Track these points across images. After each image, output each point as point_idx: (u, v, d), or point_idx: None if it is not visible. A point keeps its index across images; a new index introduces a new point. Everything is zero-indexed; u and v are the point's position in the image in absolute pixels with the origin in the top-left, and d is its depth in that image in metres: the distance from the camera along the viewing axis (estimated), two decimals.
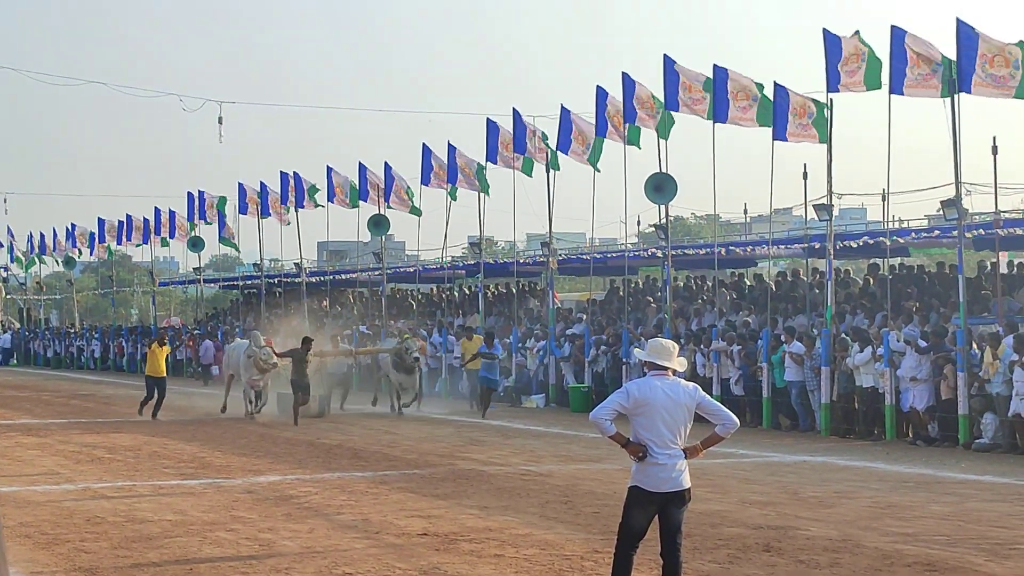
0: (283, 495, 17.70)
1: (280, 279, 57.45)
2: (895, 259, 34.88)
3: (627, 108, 33.09)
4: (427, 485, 18.77)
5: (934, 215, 32.22)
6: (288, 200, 49.52)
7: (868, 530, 14.57)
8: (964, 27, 24.72)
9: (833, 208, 28.78)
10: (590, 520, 15.35)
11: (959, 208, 25.18)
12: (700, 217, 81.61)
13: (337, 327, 41.61)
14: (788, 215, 51.28)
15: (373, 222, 44.09)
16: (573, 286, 65.16)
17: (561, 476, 19.82)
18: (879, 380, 25.57)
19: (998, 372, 23.20)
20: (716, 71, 30.53)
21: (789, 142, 29.14)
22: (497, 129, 38.86)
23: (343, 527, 14.93)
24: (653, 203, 33.08)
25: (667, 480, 10.05)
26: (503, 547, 13.49)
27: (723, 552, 13.17)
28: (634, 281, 43.04)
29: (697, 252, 40.00)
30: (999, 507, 16.52)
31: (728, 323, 31.94)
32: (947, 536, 14.12)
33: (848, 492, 18.04)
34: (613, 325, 36.08)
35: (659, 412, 10.06)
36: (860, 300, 31.43)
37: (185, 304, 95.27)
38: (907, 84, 25.77)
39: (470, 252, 44.75)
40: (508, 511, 16.11)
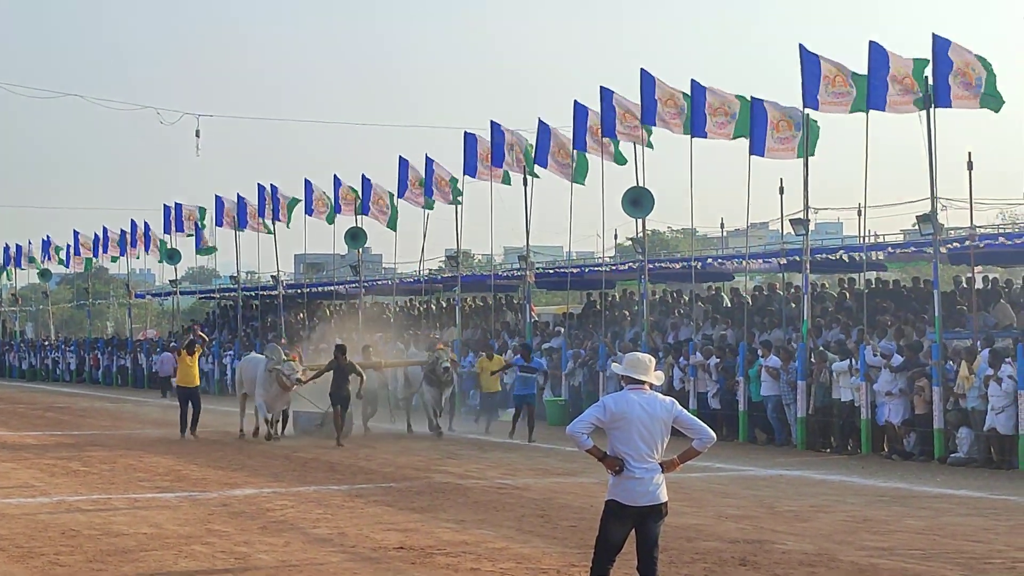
0: (259, 508, 17.65)
1: (257, 292, 57.35)
2: (871, 273, 34.98)
3: (606, 122, 33.13)
4: (403, 499, 18.74)
5: (910, 230, 32.31)
6: (265, 212, 49.45)
7: (844, 544, 14.59)
8: (940, 41, 24.84)
9: (809, 222, 28.88)
10: (567, 534, 15.34)
11: (935, 223, 25.29)
12: (677, 231, 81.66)
13: (371, 336, 37.78)
14: (765, 229, 51.36)
15: (350, 235, 44.09)
16: (550, 299, 65.19)
17: (538, 490, 19.81)
18: (855, 394, 25.64)
19: (973, 387, 23.28)
20: (694, 86, 30.62)
21: (766, 158, 29.23)
22: (476, 141, 38.89)
23: (319, 541, 14.89)
24: (630, 217, 33.16)
25: (644, 494, 10.06)
26: (479, 561, 13.47)
27: (699, 566, 13.18)
28: (611, 295, 43.06)
29: (674, 266, 40.05)
30: (974, 521, 16.57)
31: (704, 337, 32.00)
32: (922, 550, 14.15)
33: (824, 506, 18.07)
34: (590, 339, 36.11)
35: (636, 426, 10.07)
36: (836, 314, 31.51)
37: (161, 316, 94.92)
38: (889, 103, 25.89)
39: (447, 265, 44.66)
40: (484, 524, 16.10)
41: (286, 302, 52.66)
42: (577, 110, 34.27)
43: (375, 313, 49.36)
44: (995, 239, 30.00)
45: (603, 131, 33.34)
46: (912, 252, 32.17)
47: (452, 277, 42.98)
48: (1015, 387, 22.40)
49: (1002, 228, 37.28)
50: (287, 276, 63.04)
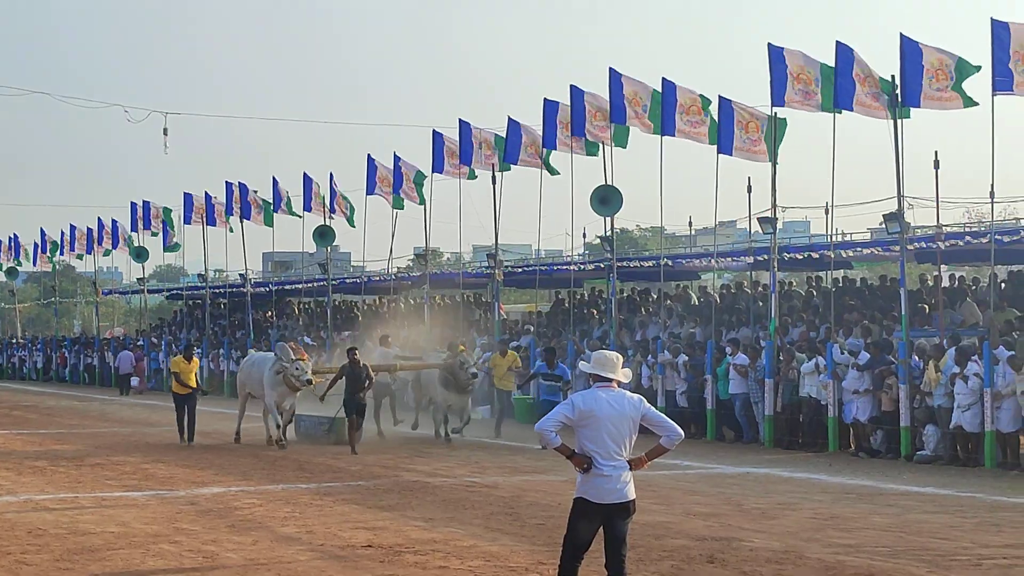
0: (227, 507, 17.62)
1: (225, 289, 57.18)
2: (838, 272, 35.12)
3: (575, 120, 33.15)
4: (372, 497, 18.73)
5: (877, 228, 32.45)
6: (233, 210, 49.31)
7: (811, 541, 14.65)
8: (909, 43, 24.95)
9: (777, 221, 28.97)
10: (535, 531, 15.36)
11: (901, 222, 25.41)
12: (645, 229, 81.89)
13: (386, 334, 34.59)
14: (733, 228, 51.51)
15: (318, 233, 44.01)
16: (519, 298, 65.21)
17: (506, 487, 19.82)
18: (822, 392, 25.75)
19: (940, 384, 23.41)
20: (664, 84, 30.66)
21: (734, 157, 29.30)
22: (443, 140, 38.88)
23: (287, 539, 14.87)
24: (599, 215, 33.20)
25: (612, 492, 10.09)
26: (448, 559, 13.48)
27: (667, 563, 13.21)
28: (580, 293, 43.12)
29: (643, 264, 40.13)
30: (941, 518, 16.66)
31: (673, 335, 32.07)
32: (889, 547, 14.22)
33: (791, 504, 18.14)
34: (559, 337, 36.14)
35: (604, 424, 10.10)
36: (803, 313, 31.63)
37: (129, 315, 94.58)
38: (856, 101, 25.99)
39: (416, 263, 44.67)
40: (453, 523, 16.10)
41: (254, 300, 52.49)
42: (547, 107, 34.27)
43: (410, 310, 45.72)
44: (961, 238, 30.16)
45: (573, 130, 33.35)
46: (879, 251, 32.31)
47: (421, 275, 42.95)
48: (981, 385, 22.54)
49: (968, 227, 37.48)
50: (255, 274, 62.92)
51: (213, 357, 49.89)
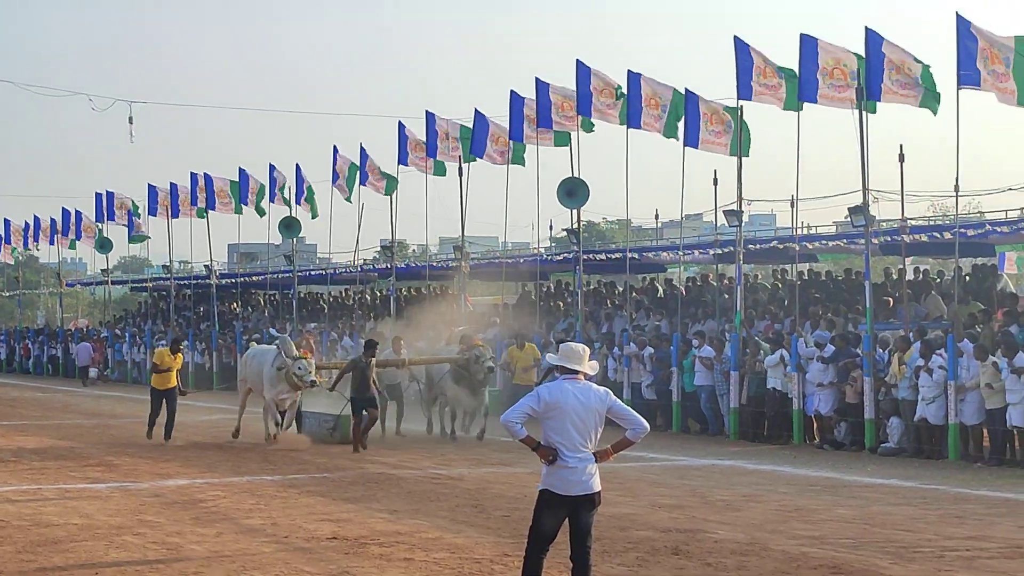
0: (191, 499, 17.56)
1: (190, 281, 56.97)
2: (804, 265, 35.23)
3: (541, 113, 33.16)
4: (337, 489, 18.70)
5: (842, 221, 32.61)
6: (198, 201, 49.10)
7: (775, 533, 14.70)
8: (873, 36, 25.03)
9: (743, 214, 29.04)
10: (500, 523, 15.36)
11: (866, 215, 25.49)
12: (612, 222, 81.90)
13: (400, 328, 32.78)
14: (699, 220, 51.75)
15: (284, 224, 43.91)
16: (485, 290, 65.12)
17: (472, 480, 19.82)
18: (788, 385, 25.83)
19: (905, 377, 23.51)
20: (630, 76, 30.69)
21: (700, 150, 29.37)
22: (407, 132, 38.85)
23: (251, 531, 14.83)
24: (565, 208, 33.22)
25: (577, 483, 10.11)
26: (413, 551, 13.46)
27: (632, 555, 13.23)
28: (546, 285, 43.12)
29: (609, 256, 40.16)
30: (904, 510, 16.73)
31: (638, 328, 32.11)
32: (853, 539, 14.27)
33: (756, 495, 18.19)
34: (525, 329, 36.11)
35: (570, 416, 10.12)
36: (768, 305, 31.71)
37: (93, 306, 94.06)
38: (821, 95, 26.07)
39: (382, 255, 44.56)
40: (418, 515, 16.09)
41: (219, 292, 52.32)
42: (513, 100, 34.27)
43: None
44: (926, 231, 30.30)
45: (539, 122, 33.35)
46: (844, 244, 32.42)
47: (387, 267, 42.89)
48: (945, 378, 22.64)
49: (933, 220, 37.62)
50: (220, 265, 62.62)
51: None
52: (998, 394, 21.87)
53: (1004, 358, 21.66)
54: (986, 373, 21.99)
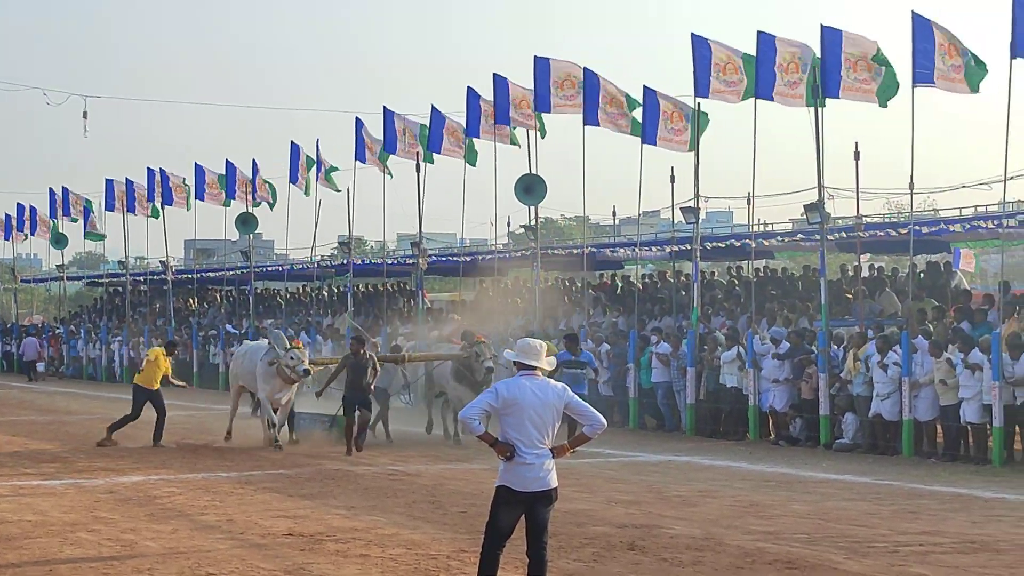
0: (146, 495, 17.49)
1: (146, 277, 56.68)
2: (760, 261, 35.37)
3: (499, 109, 33.17)
4: (293, 485, 18.66)
5: (798, 219, 32.74)
6: (155, 196, 48.84)
7: (730, 528, 14.76)
8: (829, 32, 25.14)
9: (700, 211, 29.12)
10: (457, 520, 15.36)
11: (822, 212, 25.63)
12: (570, 219, 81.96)
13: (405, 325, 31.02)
14: (656, 217, 51.83)
15: (241, 220, 43.71)
16: (443, 286, 65.10)
17: (429, 476, 19.82)
18: (743, 381, 25.93)
19: (859, 373, 23.65)
20: (587, 75, 30.72)
21: (659, 147, 29.42)
22: (363, 127, 38.77)
23: (207, 528, 14.78)
24: (523, 204, 33.22)
25: (534, 480, 10.12)
26: (369, 547, 13.45)
27: (588, 551, 13.26)
28: (504, 282, 43.14)
29: (566, 253, 40.19)
30: (858, 506, 16.83)
31: (595, 324, 32.15)
32: (807, 534, 14.35)
33: (711, 491, 18.26)
34: (483, 325, 36.11)
35: (527, 412, 10.13)
36: (724, 302, 31.82)
37: (48, 302, 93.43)
38: (777, 92, 26.17)
39: (339, 251, 44.47)
40: (375, 511, 16.08)
41: (175, 287, 52.07)
42: (470, 97, 34.27)
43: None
44: (882, 228, 30.48)
45: (496, 118, 33.36)
46: (800, 240, 32.57)
47: (344, 263, 42.81)
48: (900, 374, 22.79)
49: (888, 217, 37.88)
50: (177, 261, 62.33)
51: (133, 345, 49.47)
52: (951, 390, 22.04)
53: (959, 353, 21.83)
54: (940, 369, 22.16)
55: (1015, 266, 40.15)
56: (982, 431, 21.88)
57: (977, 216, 28.92)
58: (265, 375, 24.24)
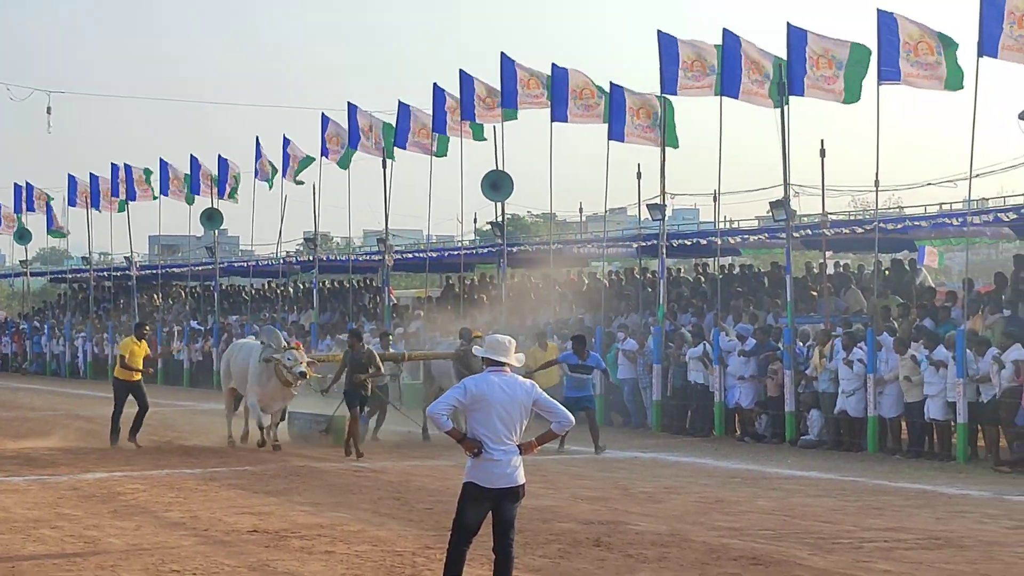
0: (110, 492, 17.40)
1: (110, 273, 56.41)
2: (726, 258, 35.44)
3: (465, 105, 33.13)
4: (258, 482, 18.59)
5: (764, 216, 32.82)
6: (119, 192, 48.58)
7: (696, 525, 14.77)
8: (795, 31, 25.20)
9: (666, 208, 29.15)
10: (423, 516, 15.33)
11: (787, 209, 25.69)
12: (537, 215, 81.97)
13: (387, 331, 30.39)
14: (623, 214, 51.76)
15: (206, 216, 43.56)
16: (409, 283, 65.04)
17: (394, 472, 19.78)
18: (709, 377, 25.98)
19: (825, 370, 23.72)
20: (555, 70, 30.71)
21: (626, 143, 29.44)
22: (328, 123, 38.67)
23: (171, 524, 14.71)
24: (489, 200, 33.22)
25: (501, 476, 10.11)
26: (334, 543, 13.41)
27: (554, 547, 13.24)
28: (470, 278, 43.11)
29: (533, 249, 40.18)
30: (823, 502, 16.87)
31: (562, 321, 32.15)
32: (773, 530, 14.37)
33: (677, 488, 18.28)
34: (449, 322, 36.10)
35: (495, 408, 10.12)
36: (691, 299, 31.87)
37: (11, 298, 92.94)
38: (743, 90, 26.21)
39: (305, 247, 44.31)
40: (340, 507, 16.03)
41: (140, 283, 51.85)
42: (436, 92, 34.22)
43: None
44: (847, 226, 30.56)
45: (462, 114, 33.33)
46: (766, 238, 32.65)
47: (310, 260, 42.71)
48: (865, 370, 22.87)
49: (853, 215, 37.99)
50: (141, 257, 62.04)
51: (97, 341, 49.33)
52: (916, 387, 22.13)
53: (925, 350, 21.92)
54: (905, 366, 22.24)
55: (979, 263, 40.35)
56: (946, 428, 21.99)
57: (942, 214, 29.04)
58: (259, 376, 22.86)
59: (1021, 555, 12.93)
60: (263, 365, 22.73)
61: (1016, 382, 20.74)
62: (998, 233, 28.82)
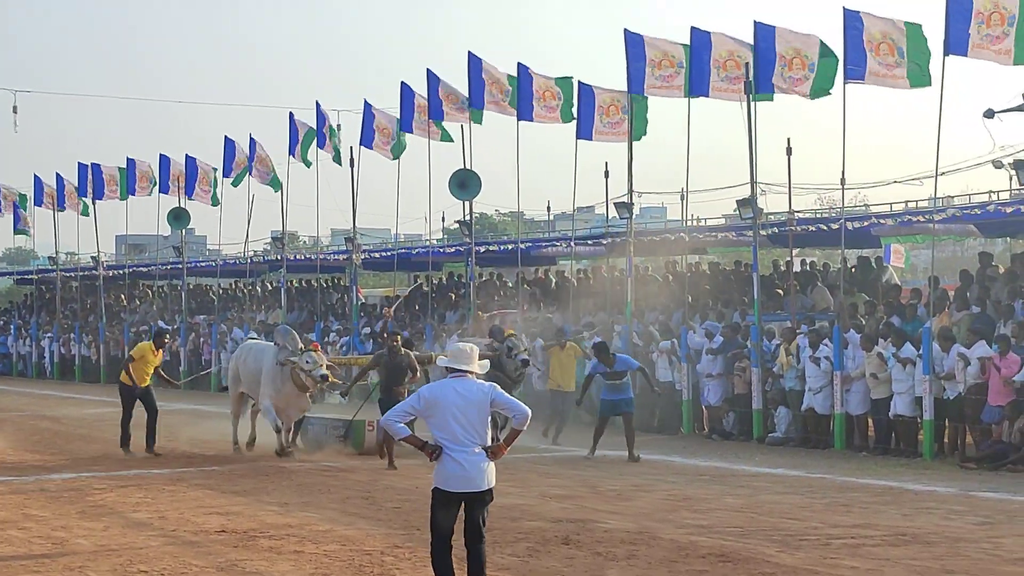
0: (78, 493, 17.35)
1: (76, 273, 56.12)
2: (693, 257, 35.47)
3: (432, 105, 33.12)
4: (226, 482, 18.55)
5: (731, 214, 32.87)
6: (86, 192, 48.32)
7: (664, 522, 14.81)
8: (762, 28, 25.28)
9: (633, 206, 29.20)
10: (391, 515, 15.33)
11: (754, 207, 25.79)
12: (504, 214, 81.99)
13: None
14: (590, 213, 51.81)
15: (173, 215, 43.34)
16: (377, 282, 64.94)
17: (362, 472, 19.76)
18: (677, 375, 26.04)
19: (792, 367, 23.82)
20: (520, 69, 30.74)
21: (595, 141, 29.49)
22: (296, 123, 38.58)
23: (139, 525, 14.67)
24: (457, 199, 33.19)
25: (464, 479, 10.16)
26: (303, 543, 13.40)
27: (523, 545, 13.26)
28: (438, 277, 43.08)
29: (501, 248, 40.18)
30: (791, 499, 16.94)
31: (529, 319, 32.14)
32: (740, 528, 14.42)
33: (645, 485, 18.32)
34: (417, 321, 36.08)
35: (450, 410, 10.16)
36: (658, 297, 31.90)
37: None
38: (712, 87, 26.28)
39: (273, 247, 44.23)
40: (309, 507, 16.01)
41: (107, 283, 51.59)
42: (404, 92, 34.18)
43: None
44: (813, 223, 30.64)
45: (430, 113, 33.32)
46: (733, 236, 32.70)
47: (278, 259, 42.61)
48: (832, 368, 22.97)
49: (820, 213, 38.10)
50: (108, 257, 61.77)
51: (64, 341, 49.12)
52: (883, 384, 22.24)
53: (892, 347, 22.03)
54: (871, 363, 22.35)
55: (945, 261, 40.53)
56: (912, 425, 22.10)
57: (908, 211, 29.14)
58: (274, 380, 21.27)
59: (987, 551, 13.02)
60: (278, 369, 21.18)
61: (982, 379, 20.88)
62: (964, 231, 28.93)
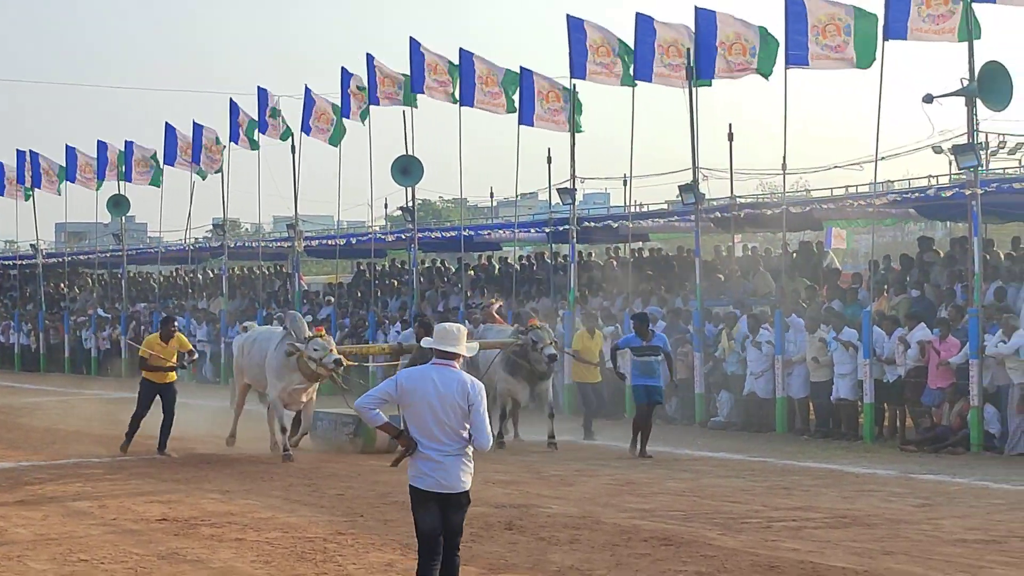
0: (16, 481, 17.19)
1: (15, 261, 55.59)
2: (636, 243, 35.54)
3: (372, 89, 33.00)
4: (167, 470, 18.45)
5: (673, 200, 32.96)
6: (24, 179, 47.83)
7: (607, 507, 14.85)
8: (703, 13, 25.35)
9: (576, 192, 29.21)
10: (334, 502, 15.28)
11: (696, 193, 25.87)
12: (448, 201, 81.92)
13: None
14: (533, 199, 51.85)
15: (113, 202, 42.98)
16: (320, 269, 64.74)
17: (305, 459, 19.67)
18: (621, 360, 26.04)
19: (733, 352, 23.94)
20: (462, 55, 30.68)
21: (536, 127, 29.48)
22: (238, 109, 38.32)
23: (79, 513, 14.55)
24: (400, 186, 33.12)
25: (439, 480, 9.43)
26: (244, 531, 13.33)
27: (466, 531, 13.13)
28: (381, 264, 42.99)
29: (444, 235, 40.14)
30: (733, 483, 17.02)
31: (472, 306, 32.13)
32: (683, 511, 14.48)
33: (588, 470, 18.36)
34: (360, 308, 35.99)
35: (426, 404, 9.36)
36: (601, 283, 31.96)
37: None
38: (656, 74, 26.34)
39: (214, 234, 43.88)
40: (251, 495, 15.94)
41: (46, 271, 51.13)
42: (344, 77, 34.04)
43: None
44: (755, 208, 30.77)
45: (369, 98, 33.21)
46: (675, 221, 32.79)
47: (219, 246, 42.36)
48: (773, 352, 23.09)
49: (761, 198, 38.24)
50: (47, 245, 61.23)
51: (3, 329, 48.67)
52: (824, 368, 22.40)
53: (832, 331, 22.17)
54: (812, 347, 22.49)
55: (886, 246, 40.72)
56: (853, 408, 22.26)
57: (849, 195, 29.31)
58: (280, 369, 20.09)
59: (927, 532, 13.13)
60: (284, 358, 20.03)
61: (921, 362, 21.05)
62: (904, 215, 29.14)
